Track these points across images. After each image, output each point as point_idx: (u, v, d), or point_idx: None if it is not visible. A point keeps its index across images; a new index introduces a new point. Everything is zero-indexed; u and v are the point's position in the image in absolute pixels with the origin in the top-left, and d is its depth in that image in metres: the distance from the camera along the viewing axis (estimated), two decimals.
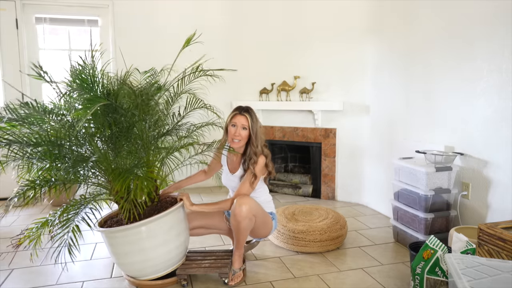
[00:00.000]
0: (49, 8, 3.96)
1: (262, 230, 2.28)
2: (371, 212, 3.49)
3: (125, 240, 1.98)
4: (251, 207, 2.11)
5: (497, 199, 2.33)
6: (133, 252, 1.98)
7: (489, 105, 2.36)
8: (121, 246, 2.00)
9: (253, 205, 2.13)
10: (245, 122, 2.19)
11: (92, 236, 2.93)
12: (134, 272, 2.08)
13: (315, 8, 3.76)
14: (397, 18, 3.15)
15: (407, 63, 3.05)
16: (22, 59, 3.88)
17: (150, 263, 2.02)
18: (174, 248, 2.09)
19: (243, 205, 2.08)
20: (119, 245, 2.01)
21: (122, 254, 2.02)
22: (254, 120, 2.21)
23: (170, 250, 2.07)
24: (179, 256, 2.14)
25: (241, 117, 2.19)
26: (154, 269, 2.06)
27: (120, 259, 2.06)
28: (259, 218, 2.19)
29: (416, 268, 1.90)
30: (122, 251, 2.01)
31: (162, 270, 2.08)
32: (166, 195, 2.29)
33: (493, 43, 2.32)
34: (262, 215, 2.21)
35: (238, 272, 2.18)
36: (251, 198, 2.16)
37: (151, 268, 2.04)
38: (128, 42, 4.04)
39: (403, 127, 3.12)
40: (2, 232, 3.03)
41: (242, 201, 2.09)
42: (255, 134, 2.20)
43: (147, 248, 1.99)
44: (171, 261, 2.10)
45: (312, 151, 4.02)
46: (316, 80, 3.78)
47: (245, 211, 2.07)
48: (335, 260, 2.50)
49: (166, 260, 2.07)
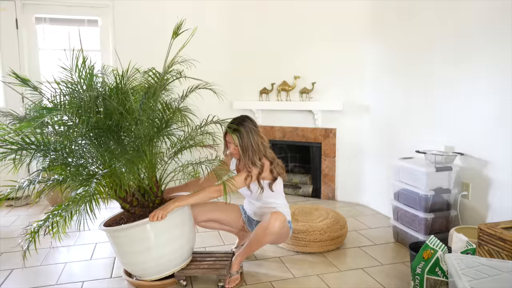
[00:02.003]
0: (49, 8, 3.95)
1: (280, 239, 2.30)
2: (371, 212, 3.49)
3: (129, 239, 1.97)
4: (284, 225, 2.13)
5: (497, 199, 2.33)
6: (136, 251, 1.98)
7: (490, 105, 2.35)
8: (125, 246, 2.00)
9: (285, 222, 2.15)
10: (235, 141, 2.12)
11: (92, 236, 2.93)
12: (138, 271, 2.08)
13: (316, 8, 3.76)
14: (398, 18, 3.15)
15: (407, 63, 3.05)
16: (22, 59, 3.88)
17: (153, 263, 2.02)
18: (179, 248, 2.08)
19: (278, 220, 2.09)
20: (123, 244, 2.00)
21: (126, 254, 2.02)
22: (245, 137, 2.12)
23: (175, 250, 2.06)
24: (184, 256, 2.13)
25: (230, 136, 2.14)
26: (157, 269, 2.05)
27: (124, 259, 2.05)
28: (284, 230, 2.19)
29: (416, 268, 1.90)
30: (126, 250, 2.01)
31: (166, 270, 2.07)
32: (171, 196, 2.28)
33: (493, 43, 2.32)
34: (286, 227, 2.21)
35: (236, 275, 2.17)
36: (285, 216, 2.16)
37: (154, 268, 2.04)
38: (128, 42, 4.04)
39: (403, 127, 3.12)
40: (2, 232, 3.04)
41: (277, 216, 2.10)
42: (247, 150, 2.12)
43: (151, 247, 1.98)
44: (176, 261, 2.09)
45: (312, 151, 4.02)
46: (316, 80, 3.78)
47: (277, 228, 2.09)
48: (335, 260, 2.50)
49: (170, 260, 2.06)
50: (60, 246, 2.71)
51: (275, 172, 2.20)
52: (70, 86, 1.85)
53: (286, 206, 2.33)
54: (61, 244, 2.70)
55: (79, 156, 1.94)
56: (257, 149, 2.14)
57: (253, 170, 2.14)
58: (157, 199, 2.14)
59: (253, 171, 2.14)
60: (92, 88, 1.86)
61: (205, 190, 2.08)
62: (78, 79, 1.85)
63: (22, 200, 3.78)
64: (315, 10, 3.77)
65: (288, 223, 2.25)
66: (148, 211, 2.06)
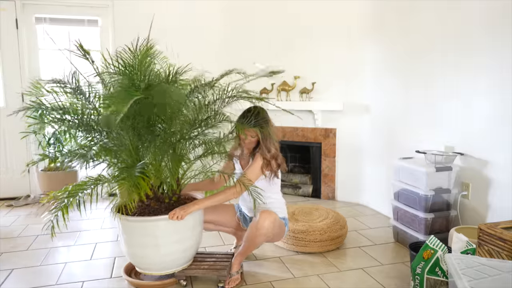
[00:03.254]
0: (49, 8, 3.95)
1: (276, 237, 2.28)
2: (371, 212, 3.49)
3: (141, 231, 1.98)
4: (274, 225, 2.12)
5: (497, 199, 2.33)
6: (146, 245, 1.98)
7: (490, 105, 2.35)
8: (135, 237, 2.00)
9: (276, 221, 2.14)
10: (258, 134, 2.14)
11: (92, 236, 2.93)
12: (143, 265, 2.08)
13: (316, 8, 3.76)
14: (398, 18, 3.15)
15: (407, 63, 3.05)
16: (22, 59, 3.88)
17: (159, 259, 2.03)
18: (189, 247, 2.10)
19: (267, 220, 2.08)
20: (133, 235, 2.01)
21: (134, 245, 2.02)
22: (265, 128, 2.16)
23: (185, 249, 2.08)
24: (188, 257, 2.14)
25: (247, 130, 2.13)
26: (162, 266, 2.06)
27: (130, 249, 2.05)
28: (276, 229, 2.18)
29: (416, 268, 1.90)
30: (135, 241, 2.01)
31: (170, 269, 2.08)
32: (187, 194, 2.29)
33: (493, 43, 2.32)
34: (278, 226, 2.20)
35: (236, 275, 2.17)
36: (275, 214, 2.15)
37: (159, 264, 2.05)
38: (128, 42, 4.03)
39: (403, 127, 3.12)
40: (2, 232, 3.04)
41: (266, 215, 2.10)
42: (266, 140, 2.16)
43: (161, 244, 1.99)
44: (180, 261, 2.10)
45: (312, 151, 4.02)
46: (316, 80, 3.78)
47: (267, 228, 2.08)
48: (335, 260, 2.50)
49: (174, 260, 2.07)
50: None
51: (279, 160, 2.21)
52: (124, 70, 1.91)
53: (281, 201, 2.33)
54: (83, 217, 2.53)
55: (118, 144, 1.98)
56: (273, 138, 2.20)
57: (268, 156, 2.15)
58: (174, 196, 2.15)
59: (267, 157, 2.15)
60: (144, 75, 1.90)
61: (224, 192, 2.11)
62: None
63: (22, 200, 3.78)
64: (315, 10, 3.76)
65: (283, 220, 2.26)
66: (164, 206, 2.08)
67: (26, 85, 3.91)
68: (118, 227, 2.08)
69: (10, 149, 3.91)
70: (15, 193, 3.90)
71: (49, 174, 3.64)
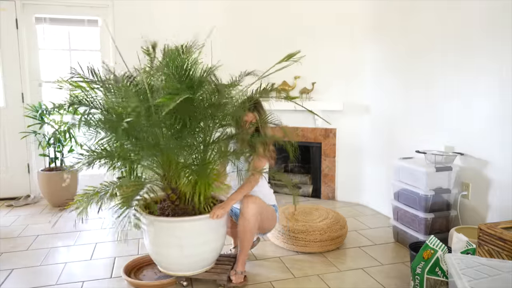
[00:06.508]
0: (49, 8, 3.95)
1: (268, 223, 2.30)
2: (371, 212, 3.49)
3: (169, 232, 1.99)
4: (259, 205, 2.15)
5: (497, 199, 2.33)
6: (172, 245, 2.00)
7: (490, 105, 2.35)
8: (163, 237, 2.01)
9: (260, 202, 2.17)
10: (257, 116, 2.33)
11: (92, 236, 2.93)
12: (167, 265, 2.09)
13: (316, 8, 3.76)
14: (398, 18, 3.15)
15: (407, 63, 3.05)
16: (22, 59, 3.88)
17: (185, 260, 2.04)
18: (214, 249, 2.11)
19: (250, 203, 2.12)
20: (161, 235, 2.02)
21: (162, 245, 2.03)
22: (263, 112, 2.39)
23: (212, 250, 2.10)
24: (212, 259, 2.15)
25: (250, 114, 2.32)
26: (188, 267, 2.07)
27: (157, 248, 2.06)
28: (264, 214, 2.21)
29: (416, 268, 1.90)
30: (162, 242, 2.02)
31: (196, 269, 2.09)
32: (216, 197, 2.30)
33: (493, 43, 2.32)
34: (266, 210, 2.23)
35: (240, 274, 2.17)
36: (257, 197, 2.18)
37: (186, 265, 2.06)
38: (129, 42, 4.03)
39: (403, 127, 3.12)
40: (2, 232, 3.03)
41: (248, 199, 2.14)
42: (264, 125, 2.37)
43: (187, 245, 2.00)
44: (206, 262, 2.12)
45: (312, 151, 4.02)
46: (316, 80, 3.77)
47: (253, 210, 2.11)
48: (335, 260, 2.50)
49: (201, 260, 2.08)
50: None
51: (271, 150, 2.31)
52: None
53: (268, 190, 2.37)
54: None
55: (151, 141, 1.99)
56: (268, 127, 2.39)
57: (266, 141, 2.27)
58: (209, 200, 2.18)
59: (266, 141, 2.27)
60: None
61: (249, 182, 2.19)
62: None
63: (22, 200, 3.78)
64: (315, 10, 3.76)
65: (273, 206, 2.31)
66: (191, 208, 2.09)
67: (26, 85, 3.92)
68: (145, 230, 2.08)
69: (10, 149, 3.91)
70: (15, 193, 3.90)
71: (49, 174, 3.64)
